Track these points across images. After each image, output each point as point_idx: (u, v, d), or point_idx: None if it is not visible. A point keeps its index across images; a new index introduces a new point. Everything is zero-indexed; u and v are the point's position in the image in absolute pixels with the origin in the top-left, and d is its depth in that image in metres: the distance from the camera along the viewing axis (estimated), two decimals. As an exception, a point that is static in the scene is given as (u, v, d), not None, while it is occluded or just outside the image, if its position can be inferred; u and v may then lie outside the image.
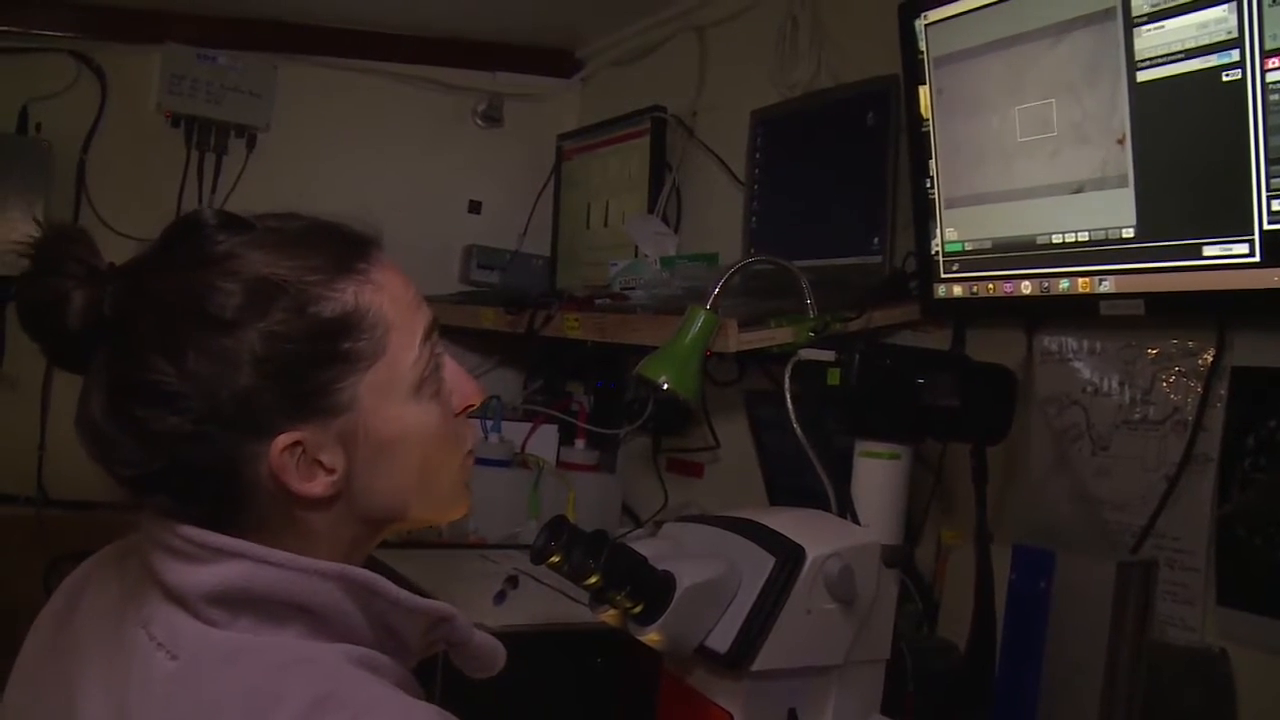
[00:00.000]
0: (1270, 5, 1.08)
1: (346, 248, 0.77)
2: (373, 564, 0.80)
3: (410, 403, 0.77)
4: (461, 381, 0.84)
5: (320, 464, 0.74)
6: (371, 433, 0.75)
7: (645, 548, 1.01)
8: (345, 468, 0.75)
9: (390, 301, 0.76)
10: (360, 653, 0.72)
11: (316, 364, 0.73)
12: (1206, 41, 1.14)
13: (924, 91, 1.49)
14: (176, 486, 0.72)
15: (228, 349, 0.70)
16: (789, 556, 0.98)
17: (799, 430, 1.12)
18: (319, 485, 0.74)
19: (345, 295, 0.74)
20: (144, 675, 0.70)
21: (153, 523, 0.74)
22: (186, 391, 0.70)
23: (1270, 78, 1.09)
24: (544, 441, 2.22)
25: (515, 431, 2.19)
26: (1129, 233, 1.25)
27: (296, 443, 0.72)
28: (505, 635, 1.39)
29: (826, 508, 1.14)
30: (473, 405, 0.85)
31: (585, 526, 0.99)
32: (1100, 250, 1.29)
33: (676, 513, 2.05)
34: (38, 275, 0.72)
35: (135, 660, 0.71)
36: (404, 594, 0.76)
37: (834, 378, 1.10)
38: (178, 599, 0.72)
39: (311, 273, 0.73)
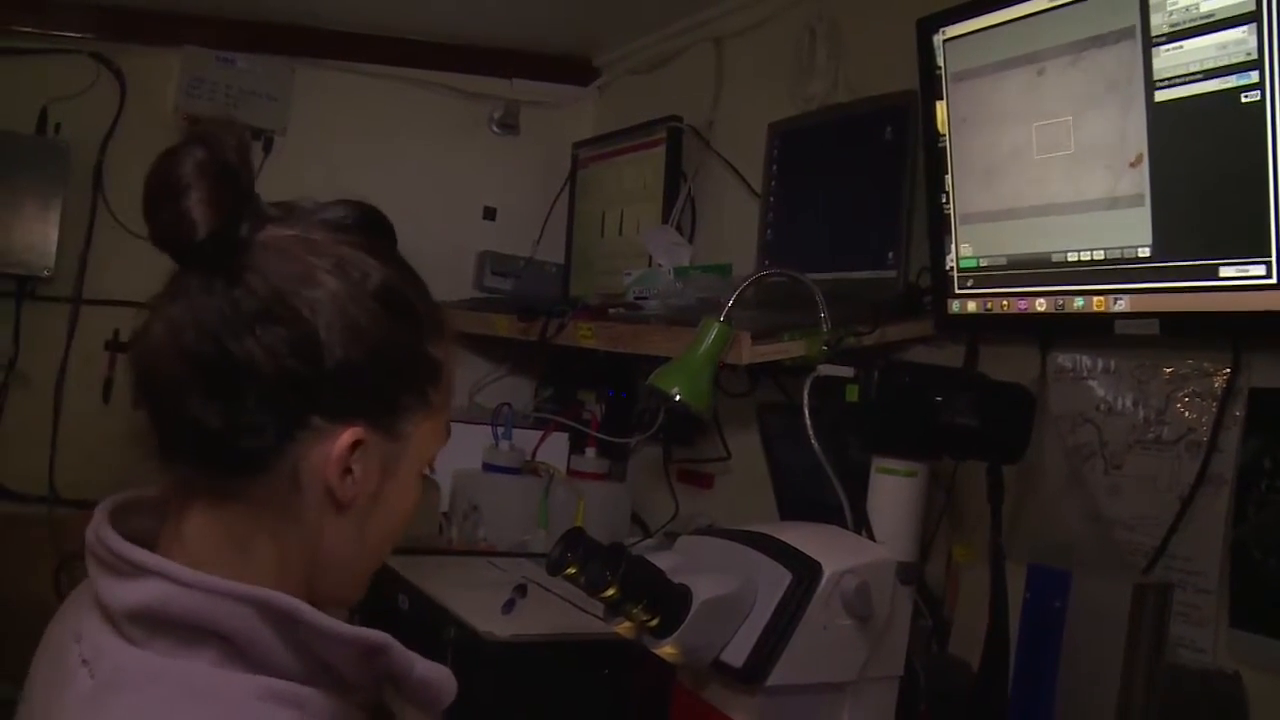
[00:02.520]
0: (1291, 28, 1.09)
1: (442, 313, 0.80)
2: (382, 571, 0.79)
3: (415, 476, 0.78)
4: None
5: (353, 472, 0.72)
6: (390, 477, 0.75)
7: (661, 560, 1.01)
8: (363, 491, 0.73)
9: (450, 381, 0.79)
10: (280, 686, 0.68)
11: (409, 384, 0.75)
12: (1226, 62, 1.14)
13: (941, 107, 1.49)
14: (213, 448, 0.69)
15: (358, 319, 0.71)
16: (806, 572, 0.99)
17: (817, 446, 1.12)
18: (346, 488, 0.72)
19: (440, 350, 0.77)
20: (71, 693, 0.69)
21: (97, 522, 0.72)
22: (313, 338, 0.69)
23: (1290, 100, 1.09)
24: (554, 449, 2.22)
25: (526, 439, 2.19)
26: (1145, 252, 1.25)
27: (361, 441, 0.71)
28: (513, 645, 1.42)
29: (837, 521, 1.14)
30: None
31: (595, 535, 0.99)
32: (1116, 269, 1.29)
33: (686, 523, 2.05)
34: (212, 144, 0.68)
35: (66, 676, 0.70)
36: (327, 621, 0.70)
37: (852, 394, 1.11)
38: (107, 614, 0.69)
39: (432, 312, 0.77)
